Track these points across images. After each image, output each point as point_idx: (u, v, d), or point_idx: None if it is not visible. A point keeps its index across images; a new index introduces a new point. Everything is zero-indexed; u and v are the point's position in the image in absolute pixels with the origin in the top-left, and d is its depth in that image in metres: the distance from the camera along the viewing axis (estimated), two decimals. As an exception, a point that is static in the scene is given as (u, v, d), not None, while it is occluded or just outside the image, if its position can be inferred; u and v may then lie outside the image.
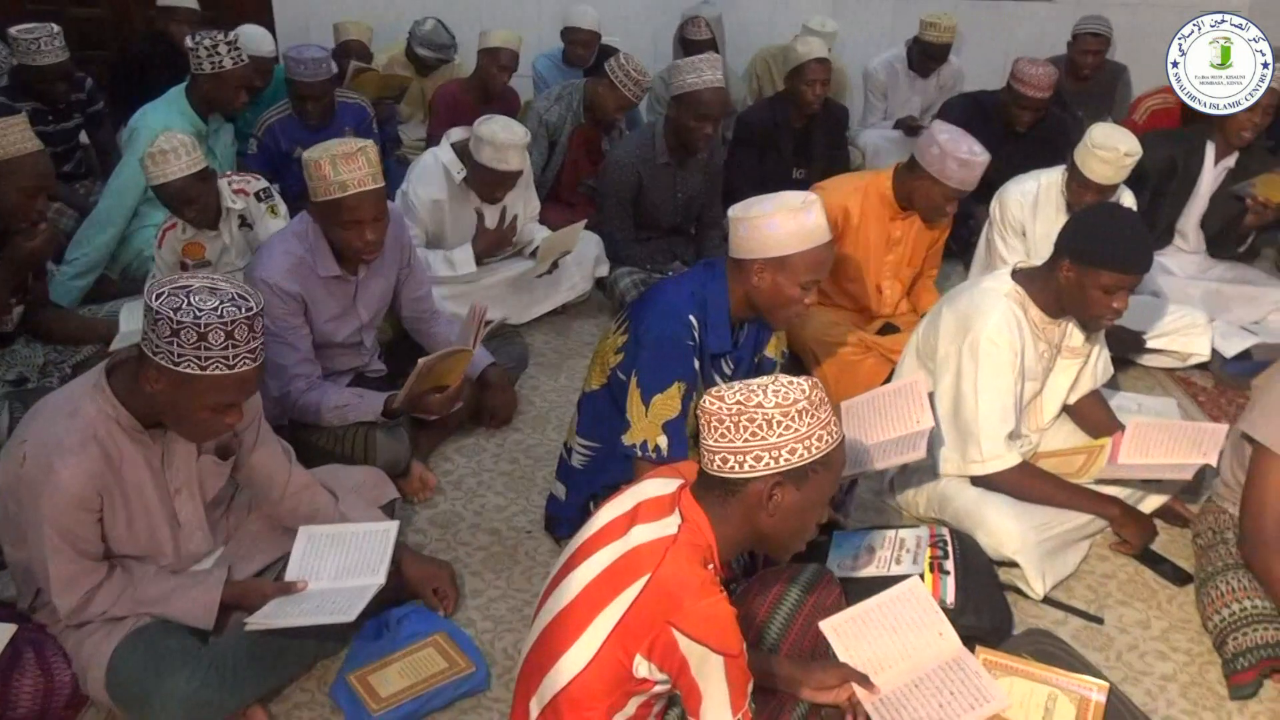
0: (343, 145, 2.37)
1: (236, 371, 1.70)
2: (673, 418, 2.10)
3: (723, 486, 1.47)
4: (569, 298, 3.81)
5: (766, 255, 2.04)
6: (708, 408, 1.45)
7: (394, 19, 5.29)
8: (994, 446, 2.36)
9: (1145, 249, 2.24)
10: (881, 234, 3.17)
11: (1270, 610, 2.09)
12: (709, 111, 3.49)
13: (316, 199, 2.40)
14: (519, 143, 3.26)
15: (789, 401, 1.42)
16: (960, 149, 2.88)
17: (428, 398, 2.56)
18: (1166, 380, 3.45)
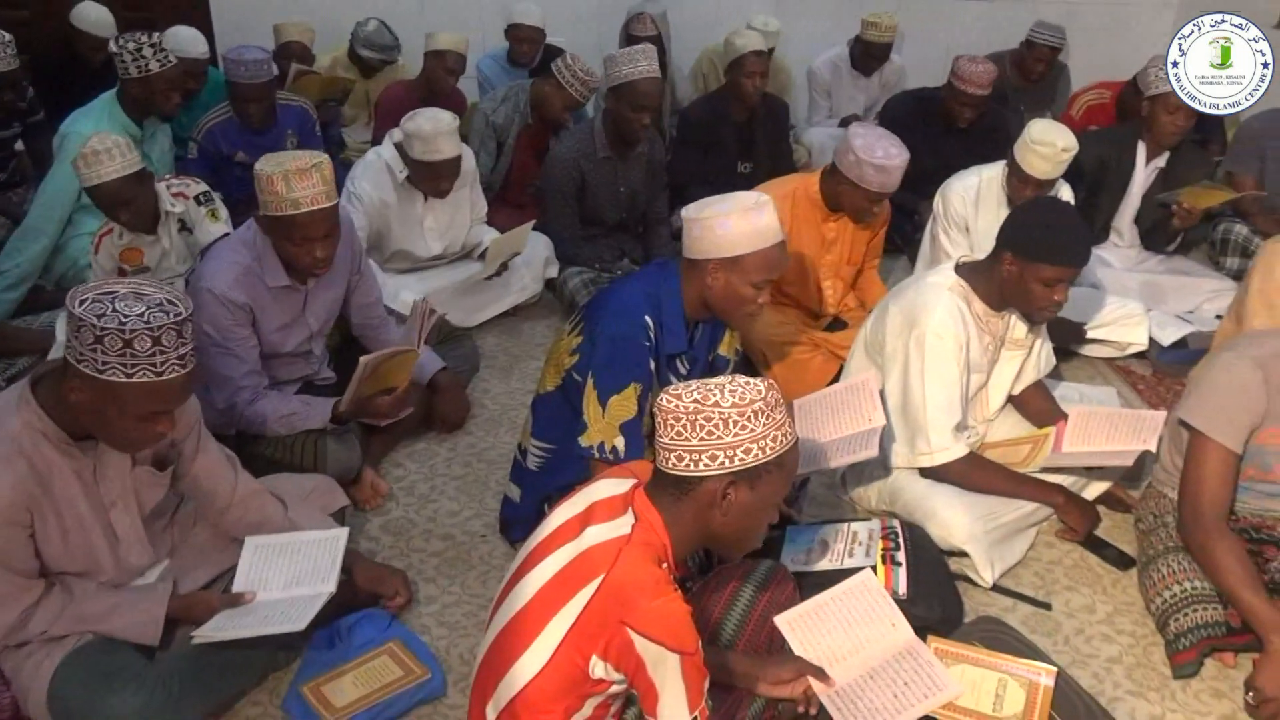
0: (296, 160, 2.31)
1: (165, 379, 1.65)
2: (630, 419, 2.10)
3: (677, 485, 1.47)
4: (519, 299, 3.79)
5: (720, 255, 2.05)
6: (665, 406, 1.45)
7: (336, 20, 5.21)
8: (942, 438, 2.40)
9: (1084, 242, 2.28)
10: (815, 236, 3.21)
11: (1209, 591, 2.14)
12: (645, 102, 3.50)
13: (267, 213, 2.35)
14: (447, 129, 3.23)
15: (745, 402, 1.42)
16: (875, 154, 2.90)
17: (376, 401, 2.53)
18: (1107, 369, 3.53)
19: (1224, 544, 2.10)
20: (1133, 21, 5.74)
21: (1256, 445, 2.17)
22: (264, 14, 5.28)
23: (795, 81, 5.38)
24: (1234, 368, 2.14)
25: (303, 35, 4.88)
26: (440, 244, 3.63)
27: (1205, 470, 2.15)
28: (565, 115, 4.07)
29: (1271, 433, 2.15)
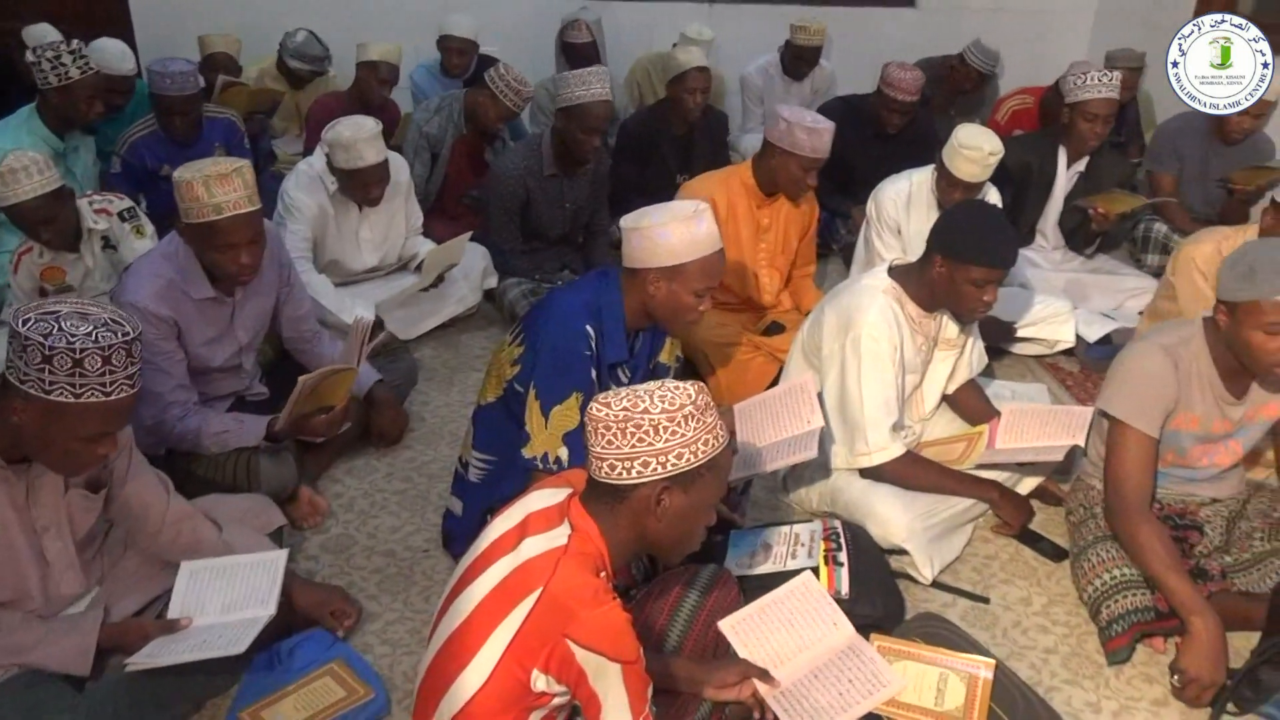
0: (216, 166, 2.27)
1: (113, 399, 1.62)
2: (572, 429, 2.09)
3: (611, 493, 1.47)
4: (457, 311, 3.76)
5: (661, 264, 2.06)
6: (595, 414, 1.45)
7: (263, 31, 5.12)
8: (879, 438, 2.43)
9: (1011, 244, 2.34)
10: (751, 222, 3.28)
11: (1138, 577, 2.21)
12: (596, 125, 3.51)
13: (189, 220, 2.29)
14: (368, 135, 3.19)
15: (675, 407, 1.43)
16: (805, 118, 3.09)
17: (313, 419, 2.49)
18: (1036, 367, 3.62)
19: (1147, 528, 2.18)
20: (1052, 29, 5.91)
21: (1172, 430, 2.26)
22: (188, 25, 5.17)
23: (728, 89, 5.43)
24: (1145, 357, 2.24)
25: (228, 46, 4.79)
26: (375, 255, 3.59)
27: (1126, 457, 2.23)
28: (500, 125, 4.05)
29: (1185, 417, 2.25)
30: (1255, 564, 2.27)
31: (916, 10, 5.82)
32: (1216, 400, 2.23)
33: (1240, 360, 2.15)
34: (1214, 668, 2.00)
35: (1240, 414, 2.27)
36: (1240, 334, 2.09)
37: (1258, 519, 2.35)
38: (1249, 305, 2.05)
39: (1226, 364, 2.19)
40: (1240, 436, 2.32)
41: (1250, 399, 2.25)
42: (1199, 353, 2.21)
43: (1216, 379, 2.21)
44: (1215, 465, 2.35)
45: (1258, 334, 2.05)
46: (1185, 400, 2.23)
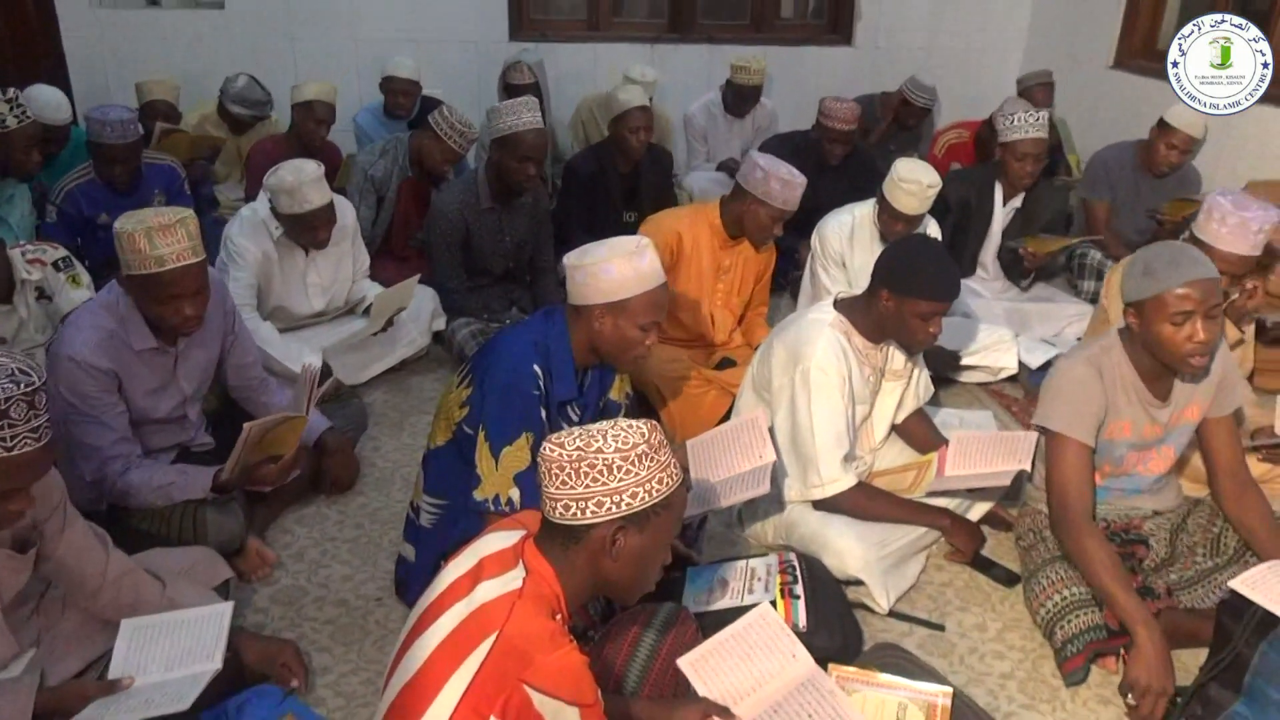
0: (159, 216, 2.23)
1: (15, 454, 1.56)
2: (523, 469, 2.08)
3: (565, 534, 1.46)
4: (407, 354, 3.73)
5: (605, 300, 2.07)
6: (548, 455, 1.44)
7: (202, 76, 5.08)
8: (832, 470, 2.45)
9: (954, 277, 2.39)
10: (712, 262, 3.31)
11: (1088, 596, 2.25)
12: (530, 153, 3.52)
13: (130, 272, 2.25)
14: (311, 178, 3.17)
15: (628, 446, 1.43)
16: (781, 170, 3.12)
17: (261, 468, 2.44)
18: (982, 394, 3.69)
19: (1093, 540, 2.24)
20: (984, 64, 6.10)
21: (1106, 441, 2.34)
22: (124, 72, 5.12)
23: (673, 128, 5.51)
24: (1071, 369, 2.33)
25: (167, 93, 4.73)
26: (322, 300, 3.55)
27: (1065, 466, 2.30)
28: (446, 167, 4.05)
29: (1116, 426, 2.33)
30: (1199, 581, 2.32)
31: (853, 49, 5.97)
32: (1143, 404, 2.32)
33: (1157, 357, 2.25)
34: (1161, 676, 2.04)
35: (1167, 416, 2.35)
36: (1151, 331, 2.19)
37: (1198, 533, 2.42)
38: (1153, 301, 2.16)
39: (1146, 367, 2.29)
40: (1170, 442, 2.40)
41: (1174, 401, 2.34)
42: (1120, 360, 2.31)
43: (1139, 384, 2.31)
44: (1150, 472, 2.42)
45: (1166, 327, 2.16)
46: (1114, 407, 2.31)
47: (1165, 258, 2.15)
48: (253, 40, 5.32)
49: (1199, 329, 2.13)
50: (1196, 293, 2.11)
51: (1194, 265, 2.13)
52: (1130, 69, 5.13)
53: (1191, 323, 2.13)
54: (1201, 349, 2.15)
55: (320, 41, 5.41)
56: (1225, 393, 2.37)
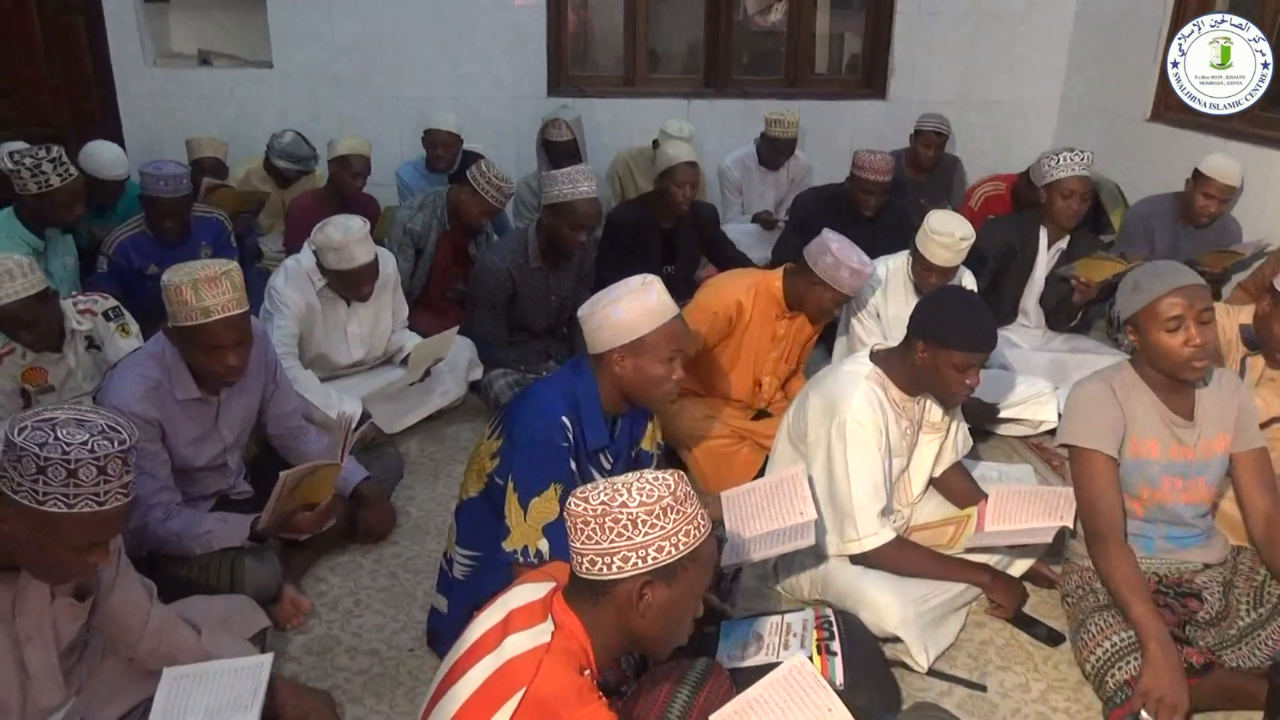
0: (205, 269, 2.29)
1: (107, 509, 1.60)
2: (552, 520, 2.08)
3: (592, 589, 1.45)
4: (443, 403, 3.75)
5: (622, 342, 2.08)
6: (573, 509, 1.43)
7: (250, 131, 5.23)
8: (869, 524, 2.42)
9: (990, 328, 2.38)
10: (767, 331, 3.29)
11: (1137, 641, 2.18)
12: (584, 221, 3.57)
13: (177, 323, 2.30)
14: (358, 236, 3.22)
15: (653, 499, 1.41)
16: (852, 259, 3.07)
17: (297, 517, 2.46)
18: (1021, 447, 3.63)
19: (1120, 552, 2.25)
20: (1018, 118, 6.10)
21: (1135, 460, 2.33)
22: (176, 126, 5.29)
23: (706, 180, 5.55)
24: (1084, 388, 2.38)
25: (216, 150, 4.88)
26: (362, 350, 3.59)
27: (1091, 481, 2.31)
28: (483, 220, 4.11)
29: (1142, 444, 2.32)
30: (1241, 639, 2.26)
31: (886, 103, 6.01)
32: (1165, 422, 2.32)
33: (1160, 369, 2.28)
34: (1175, 688, 2.03)
35: (1194, 439, 2.33)
36: (1150, 343, 2.25)
37: (1243, 584, 2.37)
38: (1146, 312, 2.24)
39: (1159, 383, 2.33)
40: (1204, 473, 2.37)
41: (1199, 423, 2.33)
42: (1131, 380, 2.35)
43: (1156, 400, 2.33)
44: (1190, 501, 2.37)
45: (1162, 335, 2.23)
46: (1134, 422, 2.32)
47: (1150, 271, 2.28)
48: (299, 97, 5.49)
49: (1194, 333, 2.20)
50: (1184, 298, 2.20)
51: (1178, 274, 2.24)
52: (1169, 121, 5.09)
53: (1185, 328, 2.21)
54: (1198, 353, 2.21)
55: (364, 98, 5.56)
56: (1245, 418, 2.37)
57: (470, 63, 5.57)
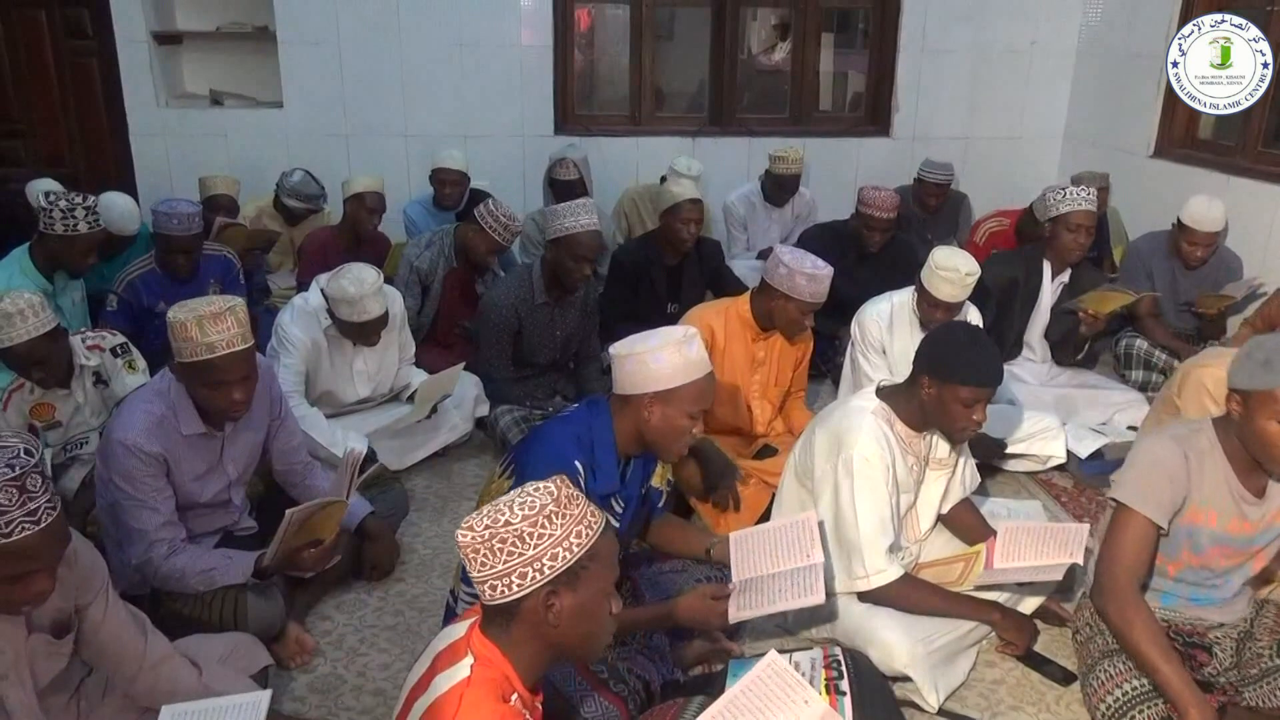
0: (210, 306, 2.29)
1: (16, 539, 1.52)
2: None
3: (502, 613, 1.45)
4: (450, 439, 3.75)
5: (654, 389, 2.09)
6: (461, 541, 1.43)
7: (259, 170, 5.29)
8: (876, 561, 2.39)
9: (996, 363, 2.37)
10: (745, 355, 3.30)
11: (1152, 689, 2.13)
12: (587, 253, 3.60)
13: (182, 359, 2.31)
14: (372, 290, 3.22)
15: (536, 509, 1.41)
16: (805, 264, 3.09)
17: (302, 554, 2.44)
18: (1030, 483, 3.60)
19: (1139, 611, 2.14)
20: (1022, 154, 6.13)
21: (1188, 525, 2.22)
22: (188, 166, 5.35)
23: (712, 217, 5.58)
24: (1155, 445, 2.23)
25: (230, 188, 4.90)
26: (368, 387, 3.60)
27: (1125, 538, 2.19)
28: (490, 259, 4.12)
29: (1202, 512, 2.21)
30: (1264, 677, 2.20)
31: (891, 139, 6.05)
32: (1234, 497, 2.19)
33: (1251, 452, 2.13)
34: None
35: (1260, 514, 2.22)
36: (1253, 424, 2.08)
37: (1265, 635, 2.29)
38: (1264, 395, 2.04)
39: (1240, 459, 2.17)
40: (1258, 545, 2.27)
41: (1269, 499, 2.21)
42: (1210, 447, 2.19)
43: (1231, 474, 2.18)
44: (1242, 572, 2.30)
45: (1271, 424, 2.05)
46: (1199, 493, 2.19)
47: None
48: (309, 137, 5.54)
49: None
50: None
51: None
52: (1172, 158, 5.12)
53: None
54: None
55: (373, 138, 5.62)
56: None
57: (478, 102, 5.63)
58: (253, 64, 5.74)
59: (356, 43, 5.48)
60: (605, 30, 6.40)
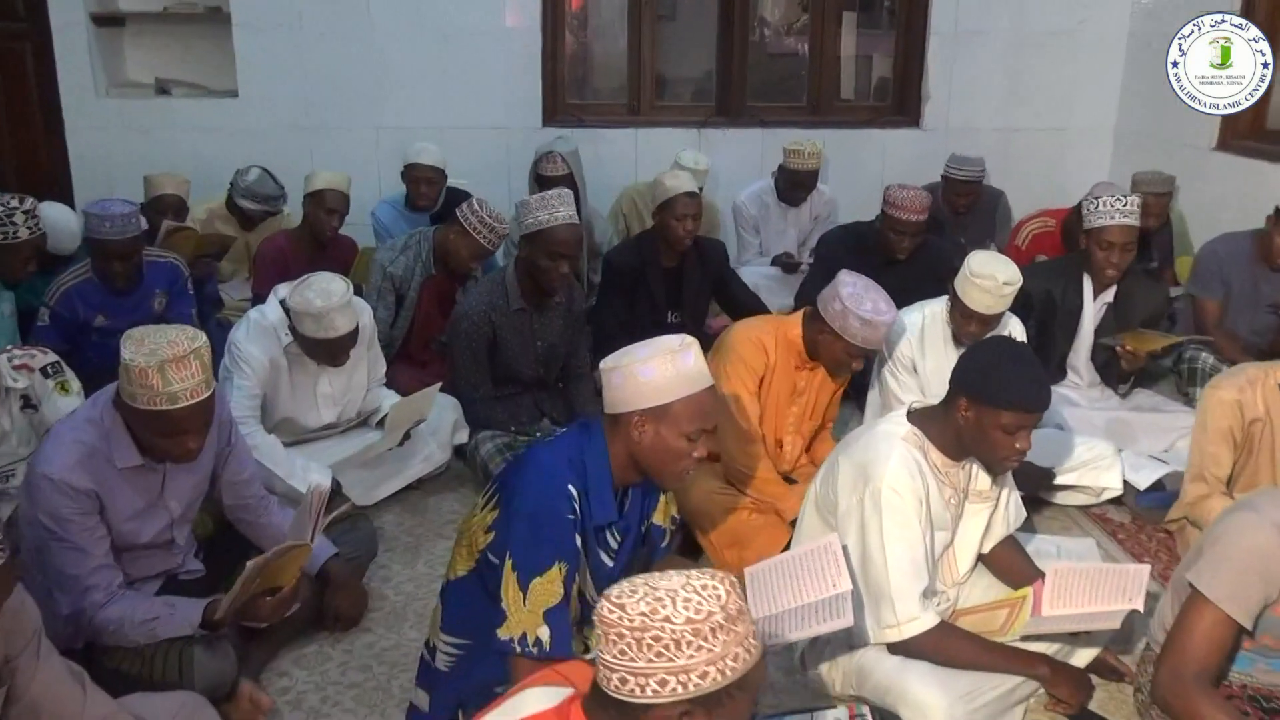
0: (173, 347, 2.26)
1: None
2: (555, 604, 2.05)
3: (620, 710, 1.40)
4: (424, 471, 3.74)
5: (644, 405, 2.06)
6: (606, 617, 1.38)
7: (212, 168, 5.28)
8: (909, 607, 2.37)
9: (1043, 384, 2.35)
10: (788, 383, 3.27)
11: None
12: (563, 250, 3.57)
13: (135, 405, 2.29)
14: (340, 303, 3.22)
15: (702, 616, 1.35)
16: (863, 305, 3.01)
17: (257, 603, 2.43)
18: (1082, 518, 3.60)
19: (1213, 701, 2.10)
20: (1071, 147, 6.14)
21: (1275, 619, 2.19)
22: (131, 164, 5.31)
23: (723, 219, 5.59)
24: (1253, 532, 2.14)
25: (178, 187, 4.86)
26: (333, 412, 3.59)
27: (1199, 631, 2.15)
28: (473, 265, 4.12)
29: None
30: None
31: (921, 131, 6.06)
32: None
33: None
34: None
35: None
36: None
37: None
38: None
39: None
40: None
41: None
42: None
43: None
44: None
45: None
46: None
47: None
48: (267, 130, 5.57)
49: None
50: None
51: None
52: (1237, 150, 5.12)
53: None
54: None
55: (339, 131, 5.64)
56: None
57: (456, 91, 5.66)
58: (204, 49, 5.76)
59: (321, 25, 5.51)
60: (600, 10, 6.45)
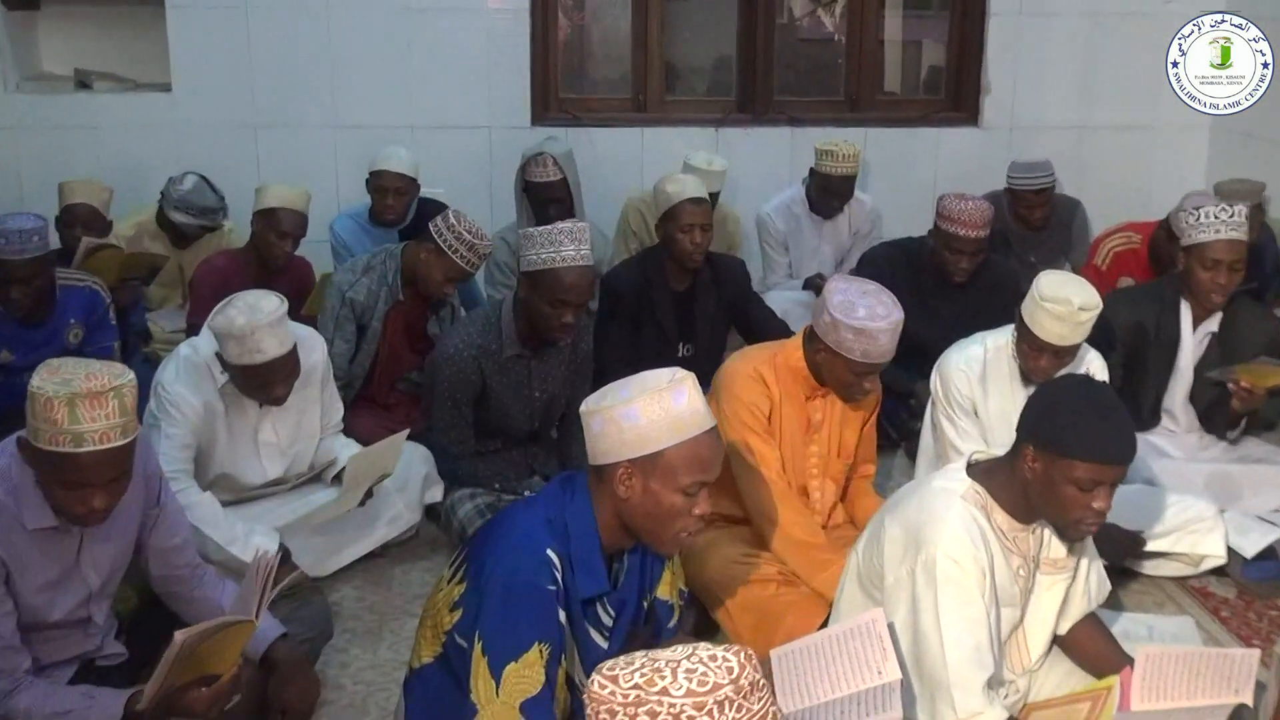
0: (90, 381, 2.26)
1: None
2: (533, 694, 2.06)
3: None
4: (390, 535, 3.74)
5: (631, 455, 2.07)
6: (596, 693, 1.38)
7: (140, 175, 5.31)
8: (970, 701, 2.36)
9: (1127, 432, 2.35)
10: (800, 418, 3.26)
11: None
12: (569, 297, 3.47)
13: (37, 443, 2.29)
14: (267, 320, 3.16)
15: (707, 689, 1.35)
16: (855, 313, 2.98)
17: (190, 693, 2.42)
18: (1178, 592, 3.58)
19: None
20: (1158, 150, 6.16)
21: None
22: (46, 170, 5.32)
23: (747, 235, 5.59)
24: None
25: (92, 196, 4.80)
26: (280, 465, 3.59)
27: None
28: (449, 288, 4.13)
29: None
30: None
31: (981, 130, 6.09)
32: None
33: None
34: None
35: None
36: None
37: None
38: None
39: None
40: None
41: None
42: None
43: None
44: None
45: None
46: None
47: None
48: (205, 130, 5.59)
49: None
50: None
51: None
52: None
53: None
54: None
55: (291, 131, 5.69)
56: None
57: (430, 83, 5.70)
58: (131, 37, 5.83)
59: (269, 7, 5.56)
60: (600, -14, 6.50)
